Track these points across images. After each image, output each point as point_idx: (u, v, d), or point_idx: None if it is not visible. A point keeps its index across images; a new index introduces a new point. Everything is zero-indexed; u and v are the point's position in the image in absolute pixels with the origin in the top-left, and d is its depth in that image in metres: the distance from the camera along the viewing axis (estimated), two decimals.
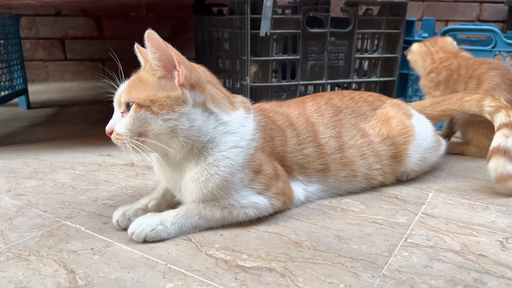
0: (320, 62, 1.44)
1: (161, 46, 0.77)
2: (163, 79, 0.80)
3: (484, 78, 1.29)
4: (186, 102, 0.79)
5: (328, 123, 1.02)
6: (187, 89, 0.80)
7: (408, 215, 0.94)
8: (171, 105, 0.78)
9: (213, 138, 0.82)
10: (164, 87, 0.79)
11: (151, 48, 0.78)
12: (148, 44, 0.77)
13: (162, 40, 0.76)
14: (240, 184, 0.84)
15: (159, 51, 0.78)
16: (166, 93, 0.79)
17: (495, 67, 1.30)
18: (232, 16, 1.47)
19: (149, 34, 0.76)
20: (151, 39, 0.77)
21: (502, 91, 1.26)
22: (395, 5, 1.46)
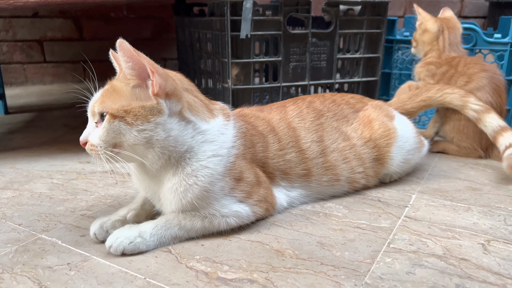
0: (302, 63, 1.43)
1: (133, 56, 0.75)
2: (137, 88, 0.77)
3: (474, 78, 1.30)
4: (162, 112, 0.77)
5: (310, 127, 1.01)
6: (162, 98, 0.78)
7: (391, 219, 0.93)
8: (145, 115, 0.76)
9: (191, 148, 0.80)
10: (138, 97, 0.77)
11: (124, 57, 0.76)
12: (120, 53, 0.75)
13: (134, 49, 0.74)
14: (221, 193, 0.83)
15: (131, 60, 0.75)
16: (140, 103, 0.76)
17: (486, 69, 1.31)
18: (212, 18, 1.44)
19: (120, 43, 0.74)
20: (122, 48, 0.74)
21: (485, 92, 1.28)
22: (376, 5, 1.45)
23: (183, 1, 1.95)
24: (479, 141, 1.31)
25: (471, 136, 1.31)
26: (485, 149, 1.33)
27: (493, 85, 1.30)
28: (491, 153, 1.33)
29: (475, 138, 1.31)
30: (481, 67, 1.32)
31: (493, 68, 1.34)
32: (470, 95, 1.20)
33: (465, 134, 1.31)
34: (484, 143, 1.32)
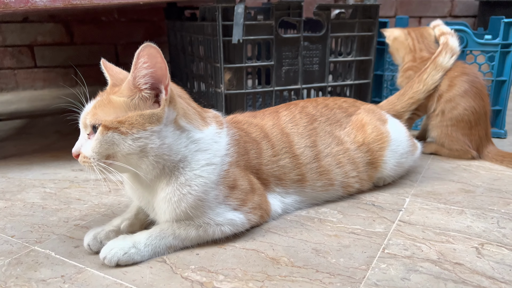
0: (295, 67, 1.43)
1: (158, 62, 0.73)
2: (137, 97, 0.76)
3: (456, 82, 1.31)
4: (160, 120, 0.76)
5: (303, 132, 1.01)
6: (167, 104, 0.77)
7: (385, 223, 0.94)
8: (142, 123, 0.75)
9: (184, 157, 0.80)
10: (137, 106, 0.76)
11: (145, 65, 0.73)
12: (142, 59, 0.73)
13: (161, 54, 0.73)
14: (215, 201, 0.82)
15: (155, 67, 0.74)
16: (138, 111, 0.76)
17: (466, 72, 1.32)
18: (204, 23, 1.44)
19: (148, 48, 0.71)
20: (148, 53, 0.72)
21: (468, 98, 1.30)
22: (367, 8, 1.46)
23: (174, 5, 1.95)
24: (470, 141, 1.33)
25: (461, 139, 1.32)
26: (476, 148, 1.34)
27: (475, 89, 1.31)
28: (481, 152, 1.34)
29: (465, 139, 1.32)
30: (461, 70, 1.33)
31: (473, 70, 1.35)
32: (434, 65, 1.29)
33: (454, 138, 1.33)
34: (475, 143, 1.33)
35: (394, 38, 1.47)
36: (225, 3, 1.27)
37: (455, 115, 1.31)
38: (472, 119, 1.31)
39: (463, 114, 1.30)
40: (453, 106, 1.31)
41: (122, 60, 2.75)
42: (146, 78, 0.75)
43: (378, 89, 1.77)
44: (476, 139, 1.33)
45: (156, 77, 0.75)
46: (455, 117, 1.31)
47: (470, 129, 1.32)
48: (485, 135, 1.34)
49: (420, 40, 1.45)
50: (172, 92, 0.79)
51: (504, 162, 1.28)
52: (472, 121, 1.31)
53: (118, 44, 2.73)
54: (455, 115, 1.31)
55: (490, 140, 1.36)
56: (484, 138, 1.34)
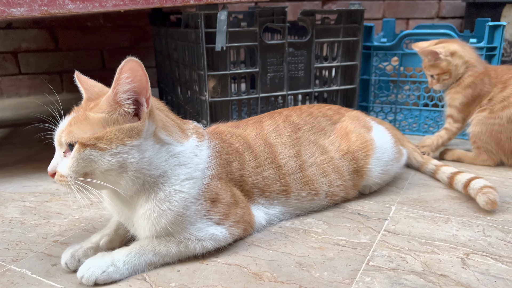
0: (280, 74, 1.41)
1: (141, 75, 0.71)
2: (117, 113, 0.74)
3: (510, 83, 1.27)
4: (140, 134, 0.74)
5: (287, 142, 1.00)
6: (147, 117, 0.75)
7: (371, 234, 0.92)
8: (121, 138, 0.73)
9: (164, 172, 0.78)
10: (115, 121, 0.74)
11: (127, 80, 0.71)
12: (125, 75, 0.71)
13: (143, 68, 0.71)
14: (196, 216, 0.80)
15: (137, 82, 0.72)
16: (117, 126, 0.73)
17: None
18: (188, 30, 1.42)
19: (131, 63, 0.70)
20: (132, 68, 0.70)
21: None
22: (352, 13, 1.45)
23: (159, 10, 1.92)
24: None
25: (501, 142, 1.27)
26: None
27: None
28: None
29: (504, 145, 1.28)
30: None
31: None
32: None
33: (495, 139, 1.27)
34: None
35: (452, 52, 1.33)
36: (208, 10, 1.25)
37: (507, 114, 1.25)
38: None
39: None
40: (506, 105, 1.26)
41: (109, 65, 2.72)
42: (128, 93, 0.73)
43: (365, 94, 1.76)
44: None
45: (137, 91, 0.73)
46: (506, 116, 1.26)
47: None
48: None
49: (472, 52, 1.36)
50: (151, 105, 0.77)
51: None
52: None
53: (105, 49, 2.69)
54: (506, 114, 1.26)
55: None
56: None
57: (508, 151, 1.27)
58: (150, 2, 1.20)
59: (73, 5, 1.13)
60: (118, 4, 1.17)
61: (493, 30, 1.52)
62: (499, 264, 0.80)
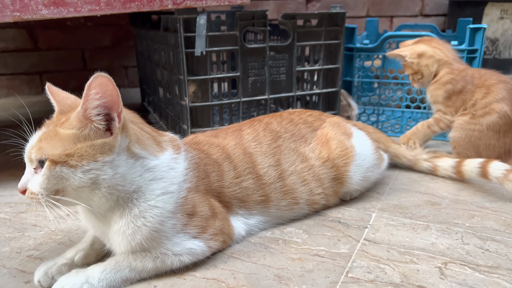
0: (261, 78, 1.40)
1: (112, 89, 0.69)
2: (88, 129, 0.72)
3: (493, 89, 1.27)
4: (113, 149, 0.73)
5: (267, 151, 0.99)
6: (120, 132, 0.73)
7: (350, 243, 0.92)
8: (93, 154, 0.71)
9: (139, 187, 0.76)
10: (86, 136, 0.72)
11: (97, 96, 0.69)
12: (94, 91, 0.69)
13: (113, 83, 0.69)
14: (172, 231, 0.79)
15: (107, 97, 0.70)
16: (88, 142, 0.71)
17: (504, 80, 1.29)
18: (167, 33, 1.40)
19: (99, 79, 0.68)
20: (101, 84, 0.68)
21: (504, 104, 1.25)
22: (333, 16, 1.44)
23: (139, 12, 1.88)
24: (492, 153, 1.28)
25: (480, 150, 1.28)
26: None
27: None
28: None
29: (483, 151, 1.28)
30: (498, 78, 1.29)
31: (510, 79, 1.31)
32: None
33: (474, 146, 1.28)
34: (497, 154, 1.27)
35: (419, 54, 1.37)
36: (187, 14, 1.23)
37: (487, 121, 1.26)
38: (503, 129, 1.25)
39: (495, 123, 1.25)
40: (487, 111, 1.26)
41: (90, 65, 2.67)
42: (98, 109, 0.71)
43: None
44: (500, 151, 1.27)
45: (108, 106, 0.71)
46: (486, 123, 1.26)
47: (497, 140, 1.26)
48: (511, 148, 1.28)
49: (449, 50, 1.38)
50: (124, 118, 0.75)
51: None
52: (501, 132, 1.25)
53: (86, 49, 2.64)
54: (486, 121, 1.26)
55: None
56: (509, 152, 1.27)
57: (491, 157, 1.27)
58: (127, 7, 1.18)
59: (46, 10, 1.10)
60: (94, 9, 1.14)
61: (474, 33, 1.53)
62: (476, 274, 0.81)
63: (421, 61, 1.37)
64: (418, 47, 1.40)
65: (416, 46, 1.40)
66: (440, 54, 1.37)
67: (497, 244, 0.91)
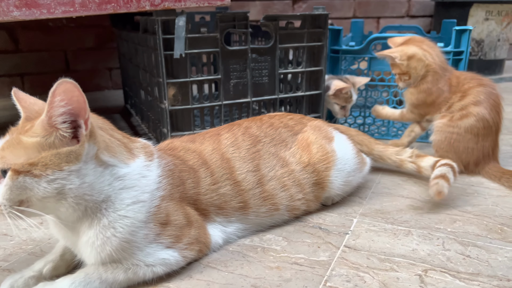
0: (244, 80, 1.38)
1: (78, 96, 0.66)
2: (53, 137, 0.69)
3: (470, 92, 1.26)
4: (79, 158, 0.69)
5: (246, 156, 0.96)
6: (87, 140, 0.70)
7: (330, 250, 0.90)
8: (58, 163, 0.68)
9: (108, 197, 0.73)
10: (52, 145, 0.68)
11: (62, 103, 0.66)
12: (58, 97, 0.66)
13: (80, 89, 0.66)
14: (144, 241, 0.76)
15: (73, 104, 0.67)
16: (54, 150, 0.68)
17: (483, 84, 1.28)
18: (146, 35, 1.37)
19: (64, 85, 0.65)
20: (66, 90, 0.65)
21: (482, 108, 1.24)
22: (316, 18, 1.42)
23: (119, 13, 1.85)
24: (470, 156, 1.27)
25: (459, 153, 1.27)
26: (475, 163, 1.28)
27: (491, 101, 1.25)
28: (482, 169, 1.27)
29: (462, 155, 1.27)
30: (478, 82, 1.28)
31: (490, 82, 1.30)
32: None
33: (453, 149, 1.27)
34: (475, 158, 1.27)
35: (409, 56, 1.33)
36: (165, 16, 1.20)
37: (465, 124, 1.25)
38: (481, 133, 1.24)
39: (473, 126, 1.24)
40: (464, 114, 1.25)
41: (73, 67, 2.62)
42: (64, 116, 0.68)
43: None
44: (478, 154, 1.26)
45: (74, 113, 0.68)
46: (464, 126, 1.25)
47: (476, 143, 1.25)
48: (491, 152, 1.27)
49: (438, 55, 1.35)
50: (92, 125, 0.72)
51: (501, 180, 1.21)
52: (480, 135, 1.24)
53: (68, 50, 2.59)
54: (464, 124, 1.25)
55: (496, 157, 1.30)
56: (488, 155, 1.27)
57: (465, 162, 1.27)
58: (103, 9, 1.15)
59: (18, 12, 1.06)
60: (68, 11, 1.11)
61: (460, 35, 1.52)
62: (456, 282, 0.79)
63: (411, 63, 1.34)
64: (409, 48, 1.35)
65: (407, 48, 1.36)
66: (429, 59, 1.33)
67: (479, 250, 0.89)
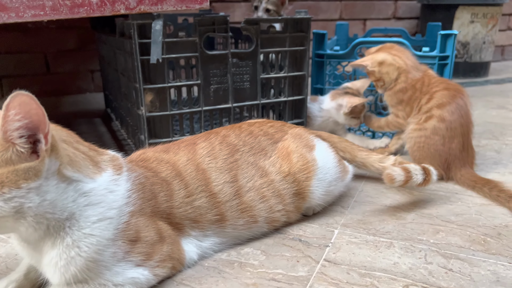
0: (224, 85, 1.34)
1: (36, 109, 0.62)
2: (9, 152, 0.64)
3: (435, 95, 1.27)
4: (39, 174, 0.65)
5: (223, 166, 0.93)
6: (48, 155, 0.66)
7: (310, 265, 0.87)
8: (16, 180, 0.64)
9: (71, 214, 0.69)
10: (8, 161, 0.63)
11: (17, 116, 0.62)
12: (13, 111, 0.61)
13: (37, 102, 0.62)
14: (112, 260, 0.72)
15: (30, 117, 0.62)
16: (10, 167, 0.64)
17: (448, 88, 1.28)
18: (123, 39, 1.32)
19: (19, 97, 0.60)
20: (22, 103, 0.61)
21: (445, 111, 1.25)
22: (298, 21, 1.39)
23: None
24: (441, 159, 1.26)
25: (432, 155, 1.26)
26: (446, 167, 1.26)
27: (455, 105, 1.25)
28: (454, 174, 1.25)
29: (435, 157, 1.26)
30: (445, 86, 1.29)
31: (457, 87, 1.30)
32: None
33: (425, 153, 1.26)
34: (444, 161, 1.25)
35: (379, 62, 1.36)
36: (141, 19, 1.16)
37: (429, 125, 1.25)
38: (446, 134, 1.24)
39: (436, 127, 1.24)
40: (429, 116, 1.27)
41: (54, 69, 2.56)
42: (20, 130, 0.63)
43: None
44: (446, 157, 1.25)
45: (32, 127, 0.64)
46: (429, 128, 1.25)
47: (443, 145, 1.24)
48: (459, 156, 1.25)
49: (408, 58, 1.37)
50: (54, 138, 0.68)
51: (475, 188, 1.19)
52: (445, 136, 1.24)
53: (48, 52, 2.53)
54: (429, 125, 1.26)
55: (471, 162, 1.28)
56: (458, 159, 1.25)
57: (441, 164, 1.26)
58: (75, 12, 1.10)
59: None
60: (38, 15, 1.07)
61: (445, 39, 1.50)
62: None
63: (382, 69, 1.38)
64: (378, 55, 1.40)
65: (377, 55, 1.40)
66: (399, 61, 1.36)
67: (461, 263, 0.87)
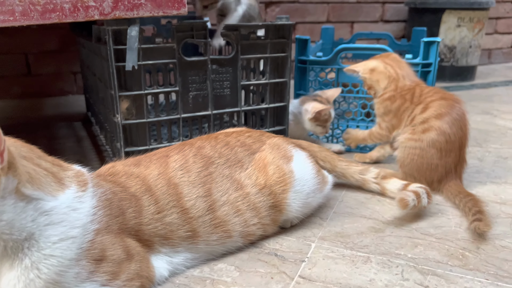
0: (204, 92, 1.31)
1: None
2: None
3: (432, 105, 1.23)
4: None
5: (196, 180, 0.90)
6: (4, 173, 0.63)
7: (284, 282, 0.85)
8: None
9: (31, 235, 0.66)
10: None
11: None
12: None
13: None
14: (75, 281, 0.69)
15: None
16: None
17: (445, 98, 1.24)
18: (100, 45, 1.29)
19: None
20: None
21: (444, 122, 1.20)
22: (279, 28, 1.36)
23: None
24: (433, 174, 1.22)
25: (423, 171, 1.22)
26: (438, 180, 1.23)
27: (454, 115, 1.21)
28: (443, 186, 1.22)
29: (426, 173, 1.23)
30: (441, 96, 1.25)
31: (454, 97, 1.26)
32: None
33: (416, 166, 1.22)
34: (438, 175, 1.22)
35: (371, 69, 1.34)
36: (116, 25, 1.13)
37: (427, 138, 1.20)
38: (444, 148, 1.19)
39: (435, 140, 1.19)
40: (426, 128, 1.21)
41: (35, 71, 2.50)
42: None
43: None
44: (442, 171, 1.21)
45: None
46: (426, 140, 1.20)
47: (440, 159, 1.20)
48: (453, 168, 1.22)
49: (401, 67, 1.34)
50: (12, 155, 0.65)
51: (456, 200, 1.15)
52: (443, 150, 1.19)
53: (30, 53, 2.47)
54: (427, 137, 1.20)
55: (460, 174, 1.25)
56: (451, 172, 1.22)
57: (430, 179, 1.22)
58: (46, 18, 1.06)
59: None
60: (8, 20, 1.02)
61: (428, 47, 1.49)
62: None
63: (372, 76, 1.36)
64: (371, 62, 1.38)
65: (370, 62, 1.38)
66: (390, 70, 1.34)
67: (438, 279, 0.85)
